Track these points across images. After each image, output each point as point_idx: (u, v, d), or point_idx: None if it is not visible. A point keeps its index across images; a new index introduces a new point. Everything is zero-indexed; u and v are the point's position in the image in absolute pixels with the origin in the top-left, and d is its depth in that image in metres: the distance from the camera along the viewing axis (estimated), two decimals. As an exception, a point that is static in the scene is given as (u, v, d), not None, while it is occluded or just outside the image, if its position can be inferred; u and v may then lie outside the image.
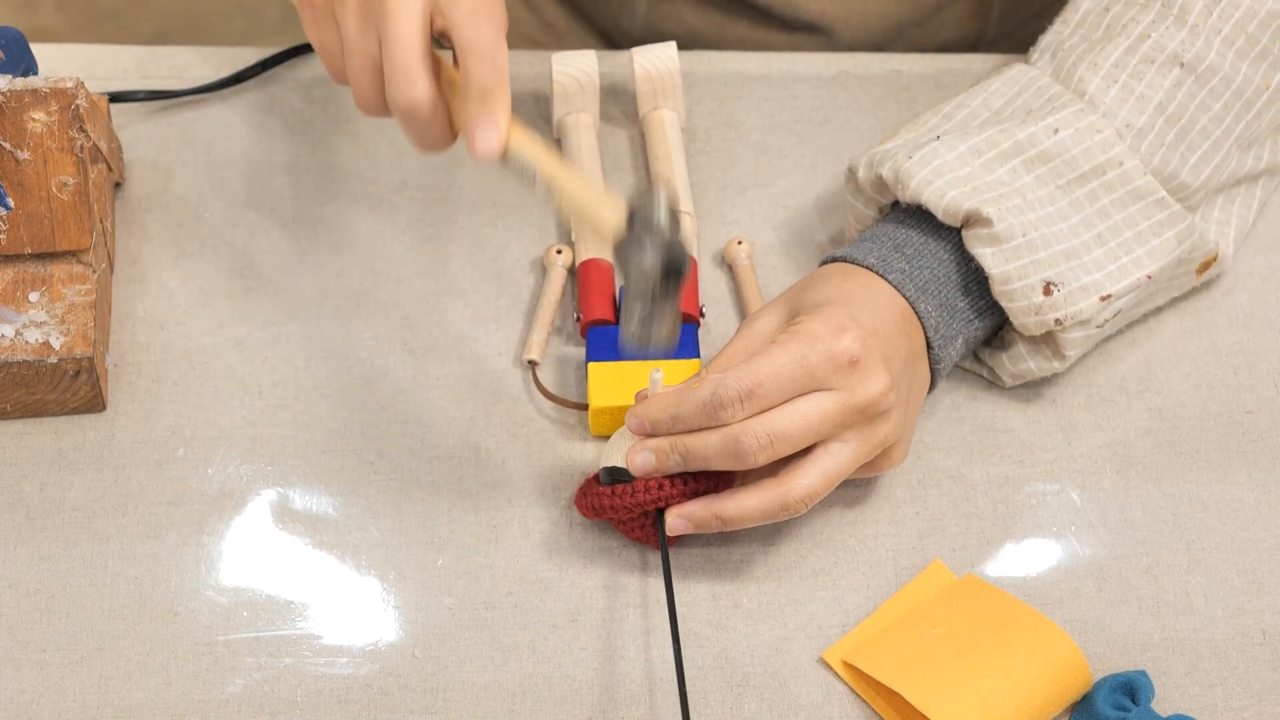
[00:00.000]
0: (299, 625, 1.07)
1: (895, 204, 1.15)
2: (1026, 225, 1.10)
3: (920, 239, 1.11)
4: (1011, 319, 1.11)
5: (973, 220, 1.10)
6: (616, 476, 1.06)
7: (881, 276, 1.09)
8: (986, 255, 1.10)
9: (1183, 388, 1.16)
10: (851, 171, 1.15)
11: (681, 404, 1.03)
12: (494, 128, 1.00)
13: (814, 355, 1.03)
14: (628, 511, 1.06)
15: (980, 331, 1.13)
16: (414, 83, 1.01)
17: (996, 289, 1.10)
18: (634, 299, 1.01)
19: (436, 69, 1.02)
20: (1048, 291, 1.10)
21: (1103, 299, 1.10)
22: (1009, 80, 1.16)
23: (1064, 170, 1.11)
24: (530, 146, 1.02)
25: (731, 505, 1.05)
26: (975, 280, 1.11)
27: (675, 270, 0.99)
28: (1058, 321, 1.10)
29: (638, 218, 0.99)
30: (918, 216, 1.13)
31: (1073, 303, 1.10)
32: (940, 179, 1.10)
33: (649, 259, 0.99)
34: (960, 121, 1.15)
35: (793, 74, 1.31)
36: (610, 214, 1.00)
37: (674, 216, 0.99)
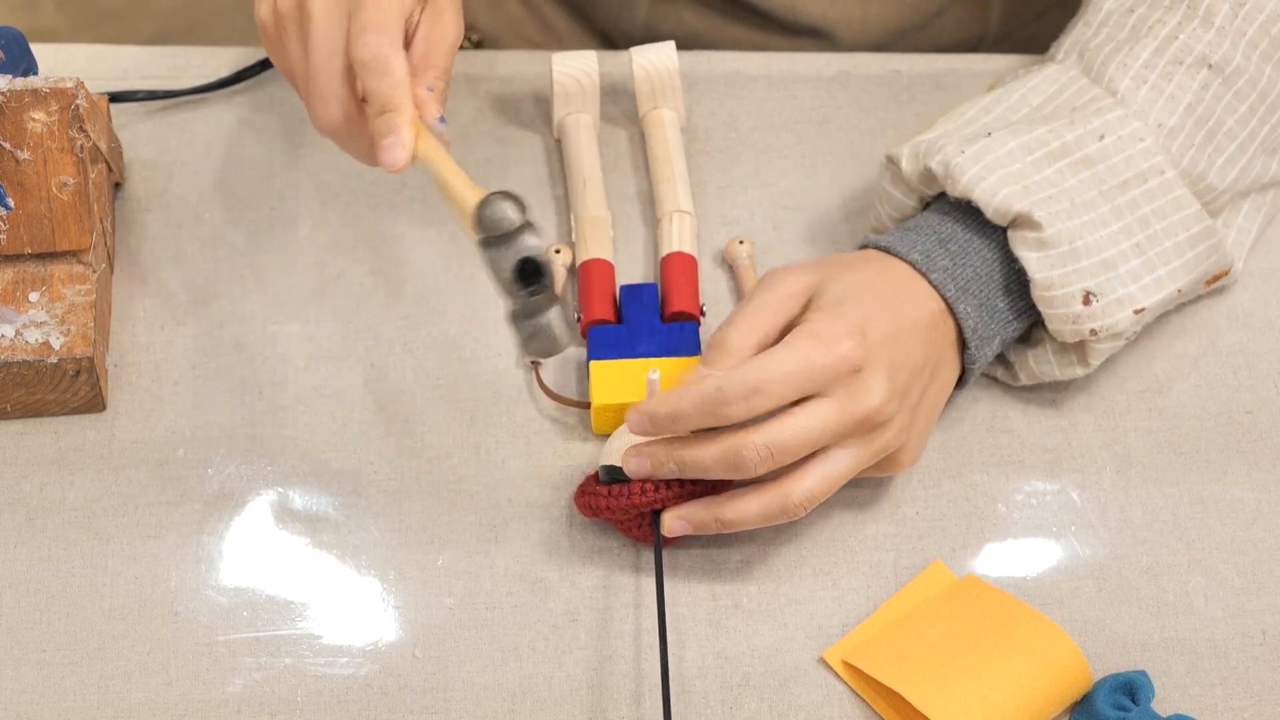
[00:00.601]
0: (299, 625, 1.07)
1: (938, 195, 1.14)
2: (1072, 232, 1.08)
3: (965, 235, 1.10)
4: (1047, 324, 1.10)
5: (1021, 222, 1.09)
6: (615, 476, 1.06)
7: (923, 275, 1.09)
8: (1031, 259, 1.09)
9: (1183, 388, 1.16)
10: (892, 161, 1.14)
11: (682, 399, 1.02)
12: (397, 141, 1.01)
13: (819, 358, 1.02)
14: (624, 512, 1.06)
15: (1016, 333, 1.12)
16: (328, 103, 1.03)
17: (1037, 293, 1.09)
18: (506, 301, 1.01)
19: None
20: (1087, 301, 1.09)
21: (1136, 312, 1.10)
22: (1047, 78, 1.15)
23: (1106, 176, 1.10)
24: (435, 153, 1.02)
25: (731, 508, 1.04)
26: (1017, 281, 1.10)
27: (527, 268, 0.98)
28: (1093, 332, 1.09)
29: (485, 219, 0.98)
30: (963, 211, 1.11)
31: (1109, 314, 1.09)
32: (992, 175, 1.09)
33: (502, 258, 0.99)
34: (1000, 116, 1.14)
35: (793, 74, 1.31)
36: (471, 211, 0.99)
37: (520, 215, 0.98)
